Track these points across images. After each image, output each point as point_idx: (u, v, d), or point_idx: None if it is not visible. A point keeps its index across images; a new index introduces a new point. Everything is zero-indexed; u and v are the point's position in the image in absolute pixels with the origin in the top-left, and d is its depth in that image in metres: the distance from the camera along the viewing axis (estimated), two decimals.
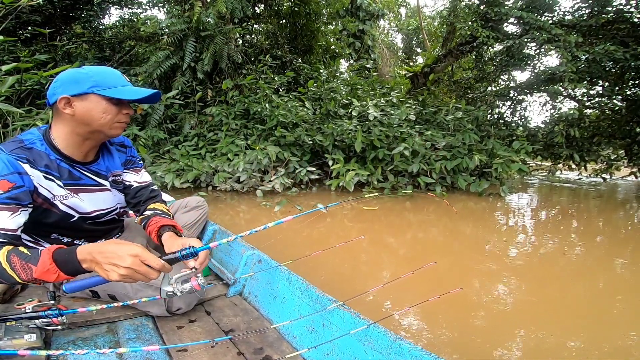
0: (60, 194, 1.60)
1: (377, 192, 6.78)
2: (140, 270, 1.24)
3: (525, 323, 2.34)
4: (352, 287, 2.82)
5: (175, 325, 1.73)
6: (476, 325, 2.32)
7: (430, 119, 8.65)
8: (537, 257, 3.72)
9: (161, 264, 1.28)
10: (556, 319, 2.46)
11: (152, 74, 7.61)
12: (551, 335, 2.20)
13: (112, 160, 1.82)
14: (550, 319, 2.44)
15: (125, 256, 1.22)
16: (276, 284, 1.87)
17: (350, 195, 6.50)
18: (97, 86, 1.51)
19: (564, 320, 2.45)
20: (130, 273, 1.23)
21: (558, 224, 5.39)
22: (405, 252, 3.90)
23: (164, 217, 1.83)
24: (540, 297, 2.80)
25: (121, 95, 1.54)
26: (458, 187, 7.02)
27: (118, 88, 1.56)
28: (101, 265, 1.23)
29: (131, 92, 1.57)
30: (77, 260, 1.26)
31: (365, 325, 1.34)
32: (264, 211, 5.20)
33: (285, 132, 7.04)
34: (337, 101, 8.48)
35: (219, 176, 6.32)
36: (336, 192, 6.80)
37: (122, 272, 1.22)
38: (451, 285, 1.51)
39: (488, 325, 2.32)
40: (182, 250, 1.34)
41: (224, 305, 1.95)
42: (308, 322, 1.59)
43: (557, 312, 2.56)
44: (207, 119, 7.83)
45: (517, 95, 10.34)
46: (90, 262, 1.25)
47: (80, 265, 1.26)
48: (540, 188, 9.42)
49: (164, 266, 1.29)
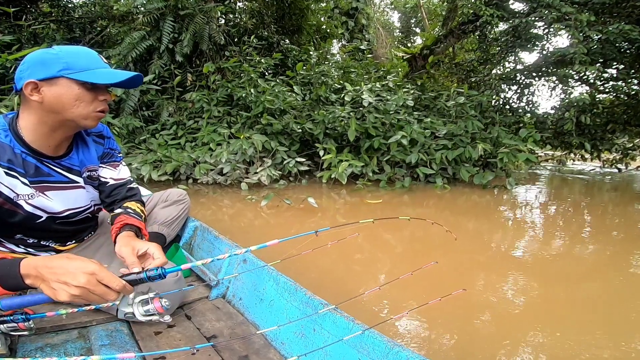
0: (25, 193, 1.53)
1: (371, 184, 6.79)
2: (96, 291, 1.17)
3: (535, 327, 2.34)
4: (346, 289, 2.82)
5: (152, 331, 1.71)
6: (481, 329, 2.33)
7: (430, 105, 8.68)
8: (546, 255, 3.74)
9: (121, 285, 1.22)
10: (568, 323, 2.46)
11: (126, 57, 7.52)
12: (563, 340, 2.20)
13: (87, 153, 1.76)
14: (562, 322, 2.44)
15: (78, 274, 1.15)
16: (262, 286, 1.86)
17: (343, 188, 6.51)
18: (69, 69, 1.43)
19: (577, 324, 2.45)
20: (83, 293, 1.15)
21: (569, 219, 5.42)
22: (404, 250, 3.90)
23: (132, 216, 1.77)
24: (551, 299, 2.81)
25: (97, 79, 1.46)
26: (460, 178, 7.06)
27: (93, 71, 1.47)
28: (48, 283, 1.16)
29: (108, 76, 1.49)
30: (19, 275, 1.18)
31: (360, 331, 1.33)
32: (249, 206, 5.19)
33: (272, 119, 7.02)
34: (328, 86, 8.47)
35: (200, 168, 6.29)
36: (328, 185, 6.80)
37: (74, 292, 1.14)
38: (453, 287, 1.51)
39: (494, 330, 2.32)
40: (148, 270, 1.29)
41: (206, 309, 1.94)
42: (298, 327, 1.58)
43: (569, 316, 2.57)
44: (187, 105, 7.78)
45: (524, 79, 10.39)
46: (35, 279, 1.18)
47: (23, 281, 1.19)
48: (549, 180, 9.49)
49: (124, 287, 1.23)
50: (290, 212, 4.87)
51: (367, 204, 5.48)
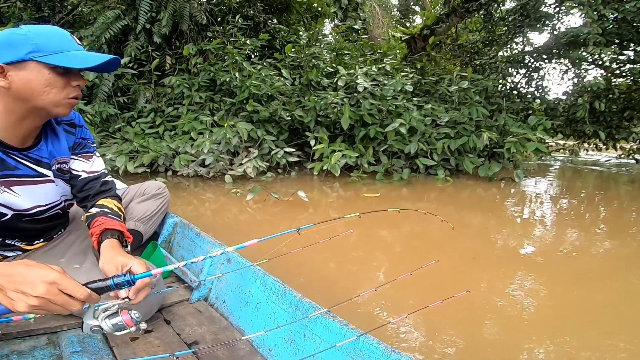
0: None
1: (367, 176, 6.80)
2: (57, 301, 1.14)
3: (546, 332, 2.35)
4: (339, 290, 2.83)
5: (128, 337, 1.71)
6: (486, 335, 2.34)
7: (431, 90, 8.68)
8: (558, 254, 3.76)
9: (86, 294, 1.19)
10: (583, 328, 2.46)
11: (99, 38, 7.45)
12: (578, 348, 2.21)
13: (57, 144, 1.73)
14: (576, 328, 2.45)
15: (37, 283, 1.12)
16: (248, 288, 1.87)
17: (336, 181, 6.51)
18: (39, 51, 1.39)
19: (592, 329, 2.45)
20: (43, 304, 1.13)
21: (583, 214, 5.46)
22: (402, 248, 3.92)
23: (111, 218, 1.75)
24: (564, 302, 2.81)
25: (70, 63, 1.43)
26: (464, 170, 7.08)
27: (66, 53, 1.44)
28: (5, 292, 1.13)
29: (83, 59, 1.46)
30: None
31: (355, 337, 1.34)
32: (234, 200, 5.19)
33: (258, 106, 7.00)
34: (320, 69, 8.45)
35: (180, 159, 6.27)
36: (319, 178, 6.81)
37: (33, 303, 1.12)
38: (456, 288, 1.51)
39: (500, 335, 2.33)
40: (116, 277, 1.28)
41: (187, 313, 1.94)
42: (286, 332, 1.58)
43: (584, 321, 2.57)
44: (166, 91, 7.74)
45: (533, 62, 10.41)
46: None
47: None
48: (561, 171, 9.53)
49: (89, 296, 1.21)
50: (278, 207, 4.87)
51: (362, 198, 5.49)
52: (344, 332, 1.39)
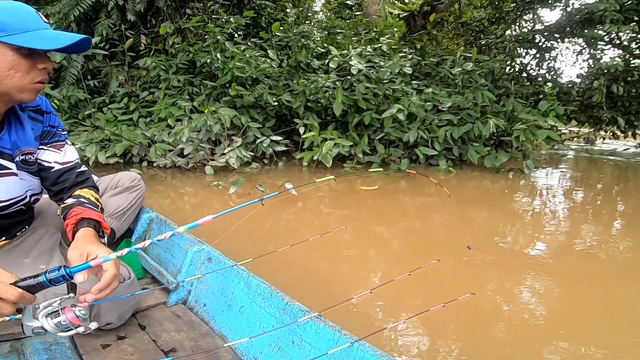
0: None
1: (362, 167, 6.80)
2: None
3: (558, 339, 2.33)
4: (331, 293, 2.83)
5: (99, 344, 1.70)
6: (493, 342, 2.33)
7: (432, 73, 8.68)
8: (572, 253, 3.77)
9: (16, 295, 1.18)
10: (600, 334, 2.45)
11: (67, 15, 7.38)
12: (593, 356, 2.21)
13: (22, 133, 1.70)
14: (592, 334, 2.43)
15: None
16: (231, 290, 1.86)
17: (328, 172, 6.50)
18: (1, 30, 1.37)
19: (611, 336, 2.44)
20: None
21: (599, 208, 5.46)
22: (400, 246, 3.92)
23: (88, 207, 1.72)
24: (578, 306, 2.80)
25: (36, 44, 1.40)
26: (468, 161, 7.09)
27: (31, 33, 1.41)
28: None
29: (50, 39, 1.43)
30: None
31: (348, 343, 1.34)
32: (216, 194, 5.18)
33: (242, 90, 6.99)
34: (309, 50, 8.43)
35: (156, 148, 6.25)
36: (309, 169, 6.80)
37: None
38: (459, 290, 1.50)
39: (508, 342, 2.32)
40: (49, 271, 1.24)
41: (164, 317, 1.93)
42: (273, 338, 1.58)
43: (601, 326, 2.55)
44: (141, 73, 7.71)
45: (544, 42, 10.40)
46: None
47: None
48: (575, 162, 9.57)
49: (21, 296, 1.19)
50: None
51: (357, 192, 5.49)
52: (337, 339, 1.39)
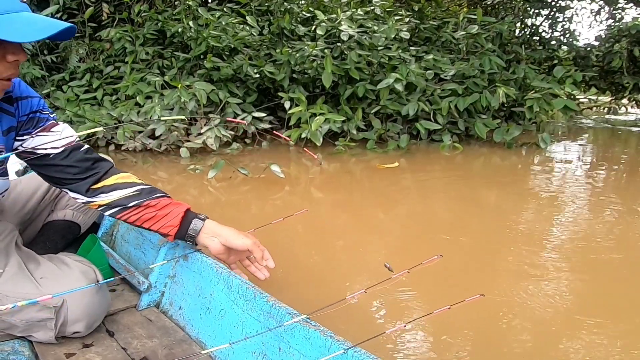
0: None
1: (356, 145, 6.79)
2: None
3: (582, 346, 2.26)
4: (321, 293, 2.80)
5: (62, 352, 1.69)
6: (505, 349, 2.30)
7: (432, 37, 8.69)
8: (596, 240, 3.62)
9: None
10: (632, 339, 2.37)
11: None
12: None
13: None
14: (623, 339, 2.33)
15: None
16: (210, 291, 1.85)
17: (317, 150, 6.47)
18: None
19: None
20: None
21: (624, 187, 5.45)
22: (398, 236, 3.88)
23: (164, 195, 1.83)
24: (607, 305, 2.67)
25: (7, 35, 1.30)
26: (476, 135, 7.09)
27: (5, 16, 1.32)
28: None
29: (25, 27, 1.34)
30: None
31: (342, 350, 1.32)
32: (193, 179, 5.16)
33: (219, 62, 6.97)
34: (294, 15, 8.40)
35: (124, 130, 6.22)
36: (297, 148, 6.77)
37: None
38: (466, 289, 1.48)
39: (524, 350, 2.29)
40: None
41: (134, 322, 1.92)
42: (257, 345, 1.57)
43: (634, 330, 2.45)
44: (104, 46, 7.69)
45: (558, 1, 10.39)
46: None
47: None
48: (595, 134, 9.61)
49: None
50: (247, 186, 4.85)
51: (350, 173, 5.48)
52: (328, 345, 1.37)
